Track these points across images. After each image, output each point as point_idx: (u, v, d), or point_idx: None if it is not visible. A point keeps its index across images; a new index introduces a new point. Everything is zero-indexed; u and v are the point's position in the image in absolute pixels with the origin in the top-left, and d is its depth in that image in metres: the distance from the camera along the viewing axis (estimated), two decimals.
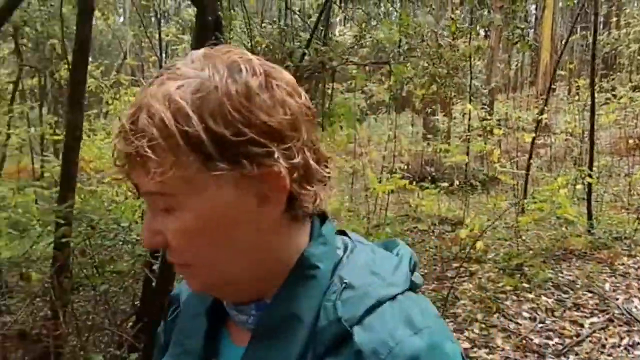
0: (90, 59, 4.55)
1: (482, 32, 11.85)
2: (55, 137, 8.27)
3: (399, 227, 7.51)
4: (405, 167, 9.22)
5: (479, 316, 4.33)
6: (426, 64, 6.74)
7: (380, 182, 6.91)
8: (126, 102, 8.87)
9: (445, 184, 7.82)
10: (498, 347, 3.87)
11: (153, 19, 11.29)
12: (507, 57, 14.78)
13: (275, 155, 0.56)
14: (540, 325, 4.21)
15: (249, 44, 5.12)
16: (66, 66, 10.17)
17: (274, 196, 0.59)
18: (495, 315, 4.36)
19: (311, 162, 0.60)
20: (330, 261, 0.63)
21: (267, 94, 0.57)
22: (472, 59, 8.84)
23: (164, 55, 12.35)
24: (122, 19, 15.40)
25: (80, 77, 3.59)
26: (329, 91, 6.94)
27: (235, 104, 0.55)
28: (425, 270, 5.65)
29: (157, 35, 11.57)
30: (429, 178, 9.63)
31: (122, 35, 13.80)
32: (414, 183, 7.80)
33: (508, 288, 4.89)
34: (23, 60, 10.96)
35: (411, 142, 11.44)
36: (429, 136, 11.33)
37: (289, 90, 0.59)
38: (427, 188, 7.67)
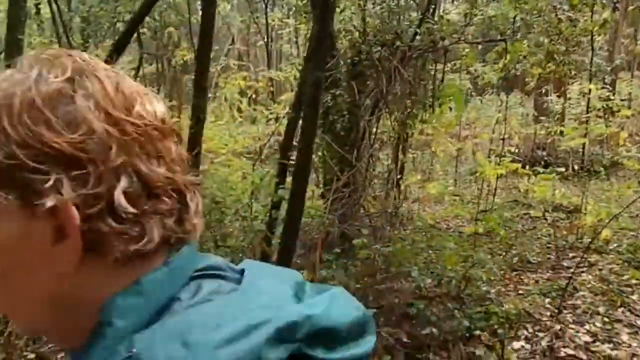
0: None
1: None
2: (173, 120, 8.88)
3: (508, 212, 7.21)
4: (516, 150, 8.80)
5: (601, 309, 4.07)
6: (544, 41, 6.33)
7: None
8: (235, 86, 9.30)
9: (561, 169, 7.35)
10: (624, 343, 3.61)
11: (260, 4, 11.63)
12: (632, 32, 13.43)
13: (49, 184, 0.45)
14: None
15: (360, 25, 5.11)
16: (181, 53, 10.88)
17: (68, 233, 0.47)
18: (620, 310, 4.08)
19: (116, 192, 0.47)
20: (139, 318, 0.47)
21: (62, 108, 0.47)
22: (595, 34, 8.15)
23: (269, 39, 12.72)
24: (230, 6, 16.05)
25: (205, 64, 3.81)
26: (436, 72, 6.75)
27: (14, 120, 0.46)
28: (539, 259, 5.40)
29: (263, 21, 11.95)
30: (541, 162, 9.11)
31: (231, 21, 14.37)
32: (526, 167, 7.41)
33: (634, 281, 4.55)
34: (143, 48, 11.83)
35: (521, 124, 10.85)
36: (541, 118, 10.67)
37: (102, 102, 0.48)
38: (541, 173, 7.26)
